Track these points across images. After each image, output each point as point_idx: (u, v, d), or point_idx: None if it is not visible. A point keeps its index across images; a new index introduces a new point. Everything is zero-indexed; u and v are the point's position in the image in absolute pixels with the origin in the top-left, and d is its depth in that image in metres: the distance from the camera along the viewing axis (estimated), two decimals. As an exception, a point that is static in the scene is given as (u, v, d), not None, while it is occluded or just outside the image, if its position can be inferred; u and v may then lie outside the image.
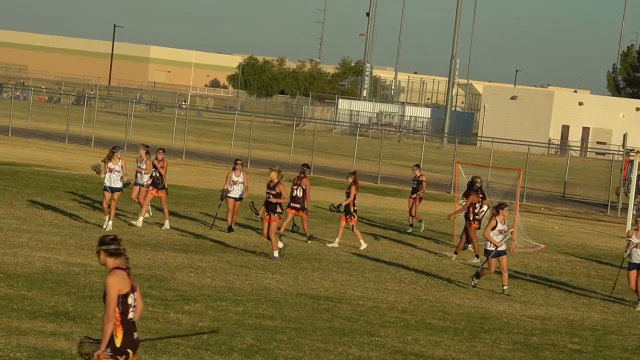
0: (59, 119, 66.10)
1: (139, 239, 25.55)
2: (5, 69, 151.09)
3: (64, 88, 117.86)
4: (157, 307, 17.99)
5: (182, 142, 56.35)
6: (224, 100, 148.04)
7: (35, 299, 17.72)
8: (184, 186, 40.14)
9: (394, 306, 20.52)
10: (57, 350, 14.57)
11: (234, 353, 15.40)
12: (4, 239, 23.57)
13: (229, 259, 24.07)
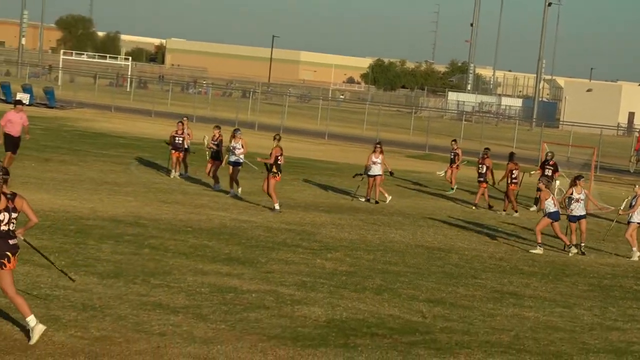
0: (230, 109, 66.77)
1: (292, 202, 25.72)
2: (191, 71, 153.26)
3: (234, 85, 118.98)
4: (306, 255, 18.13)
5: (325, 126, 56.58)
6: (357, 93, 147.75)
7: (214, 248, 17.99)
8: (327, 161, 40.34)
9: (493, 255, 20.36)
10: (231, 287, 14.77)
11: (366, 291, 15.44)
12: (190, 201, 23.99)
13: (362, 217, 24.11)
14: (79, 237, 17.58)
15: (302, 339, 12.18)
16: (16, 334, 11.18)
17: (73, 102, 61.08)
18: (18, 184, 23.64)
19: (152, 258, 16.41)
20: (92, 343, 11.16)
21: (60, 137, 38.36)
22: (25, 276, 14.03)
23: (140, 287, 14.17)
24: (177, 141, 29.01)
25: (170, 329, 12.07)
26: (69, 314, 12.24)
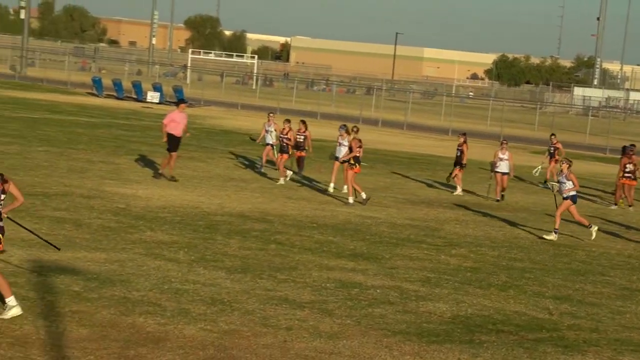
0: (354, 105, 66.95)
1: (416, 198, 25.64)
2: (315, 68, 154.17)
3: (358, 82, 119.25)
4: (430, 251, 18.04)
5: (449, 123, 56.23)
6: (480, 89, 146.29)
7: (339, 243, 18.05)
8: (450, 157, 40.02)
9: (621, 252, 19.90)
10: (355, 282, 14.80)
11: (491, 287, 15.28)
12: (315, 198, 24.12)
13: (487, 213, 23.86)
14: (207, 233, 17.87)
15: (427, 335, 12.12)
16: (148, 327, 11.42)
17: (201, 100, 62.11)
18: (148, 180, 24.18)
19: (278, 253, 16.56)
20: (221, 336, 11.33)
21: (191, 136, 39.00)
22: (157, 270, 14.33)
23: (267, 282, 14.32)
24: (299, 139, 28.75)
25: (297, 323, 12.16)
26: (198, 308, 12.45)
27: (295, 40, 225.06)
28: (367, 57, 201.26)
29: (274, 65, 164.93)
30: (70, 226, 17.13)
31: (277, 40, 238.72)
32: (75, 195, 20.64)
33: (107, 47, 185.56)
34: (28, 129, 34.28)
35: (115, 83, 61.07)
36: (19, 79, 68.88)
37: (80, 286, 12.89)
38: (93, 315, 11.61)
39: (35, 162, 25.27)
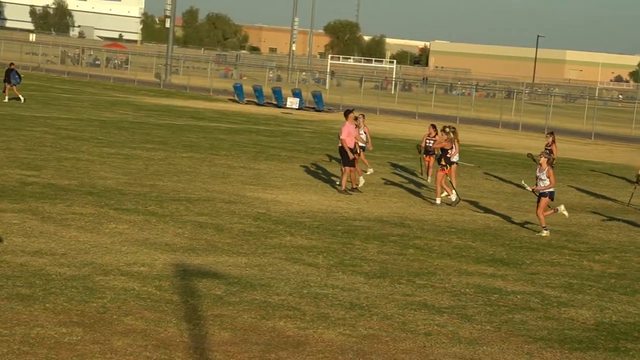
0: (494, 109, 66.24)
1: (556, 203, 25.16)
2: (454, 72, 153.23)
3: (498, 85, 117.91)
4: (573, 257, 17.67)
5: (591, 126, 55.04)
6: (625, 92, 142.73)
7: (478, 248, 17.87)
8: (593, 161, 39.22)
9: None
10: (495, 288, 14.62)
11: (637, 294, 14.85)
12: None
13: (632, 219, 23.23)
14: (345, 237, 17.93)
15: (570, 342, 11.88)
16: (288, 330, 11.52)
17: (340, 105, 62.42)
18: (288, 185, 24.42)
19: (416, 258, 16.50)
20: (360, 341, 11.34)
21: (328, 140, 39.26)
22: (296, 275, 14.45)
23: (406, 287, 14.28)
24: (428, 144, 27.99)
25: (436, 329, 12.09)
26: (337, 312, 12.50)
27: (434, 45, 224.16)
28: (507, 60, 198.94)
29: (413, 70, 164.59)
30: (212, 231, 17.45)
31: (416, 45, 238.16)
32: (217, 200, 21.02)
33: (248, 54, 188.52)
34: (172, 135, 35.11)
35: (256, 89, 61.97)
36: (163, 87, 70.61)
37: (222, 290, 13.11)
38: (234, 319, 11.78)
39: (178, 168, 25.85)
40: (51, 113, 39.42)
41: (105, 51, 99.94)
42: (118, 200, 19.67)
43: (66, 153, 26.59)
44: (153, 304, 12.07)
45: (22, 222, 16.47)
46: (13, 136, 29.49)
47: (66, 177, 22.29)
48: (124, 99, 53.62)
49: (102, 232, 16.33)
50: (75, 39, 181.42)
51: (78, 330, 10.73)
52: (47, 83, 62.22)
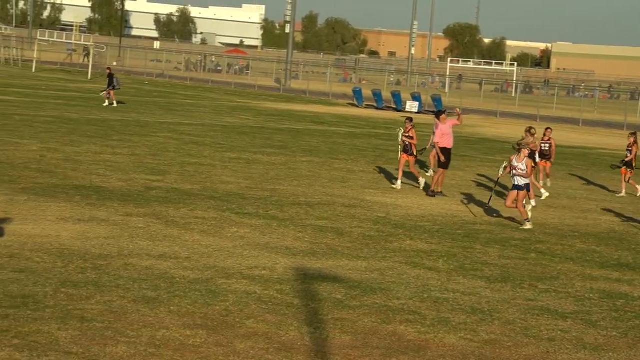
0: (618, 111, 64.83)
1: None
2: (577, 74, 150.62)
3: (622, 87, 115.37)
4: (703, 262, 17.18)
5: None
6: None
7: (602, 253, 17.50)
8: None
9: None
10: (621, 293, 14.30)
11: None
12: (576, 206, 23.52)
13: None
14: (466, 242, 17.79)
15: (699, 351, 11.52)
16: (409, 335, 11.49)
17: (460, 108, 61.99)
18: (408, 189, 24.33)
19: (539, 263, 16.26)
20: (482, 346, 11.23)
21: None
22: (416, 279, 14.40)
23: (528, 291, 14.08)
24: (543, 148, 27.18)
25: (559, 334, 11.88)
26: (458, 317, 12.40)
27: (556, 46, 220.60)
28: (633, 61, 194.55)
29: (534, 72, 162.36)
30: (332, 235, 17.52)
31: (537, 47, 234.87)
32: (337, 204, 21.09)
33: (367, 58, 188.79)
34: (292, 140, 35.40)
35: (375, 93, 62.01)
36: (283, 92, 71.29)
37: (342, 294, 13.14)
38: (355, 323, 11.80)
39: (298, 172, 26.04)
40: (174, 119, 40.21)
41: (227, 57, 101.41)
42: (239, 205, 19.93)
43: (189, 158, 27.07)
44: (274, 308, 12.18)
45: (147, 226, 16.83)
46: (138, 142, 30.18)
47: (189, 181, 22.69)
48: (244, 104, 54.32)
49: (224, 236, 16.57)
50: (197, 46, 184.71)
51: (202, 333, 10.90)
52: (171, 89, 63.48)
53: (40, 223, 16.32)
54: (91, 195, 19.55)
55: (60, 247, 14.59)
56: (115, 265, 13.74)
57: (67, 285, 12.43)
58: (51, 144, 27.46)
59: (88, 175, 22.27)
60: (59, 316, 11.03)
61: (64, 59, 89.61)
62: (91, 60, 72.96)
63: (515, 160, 19.98)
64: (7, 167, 22.29)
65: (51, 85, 56.01)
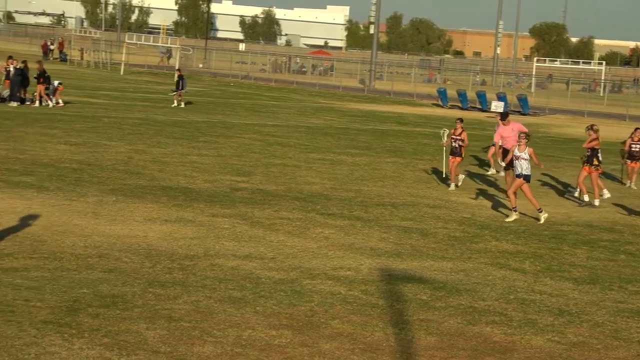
0: None
1: None
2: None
3: None
4: None
5: None
6: None
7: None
8: None
9: None
10: None
11: None
12: (667, 207, 23.09)
13: None
14: (553, 243, 17.57)
15: None
16: (495, 336, 11.39)
17: (545, 108, 61.26)
18: (493, 189, 24.12)
19: (628, 264, 15.98)
20: (569, 348, 11.08)
21: (533, 144, 38.56)
22: (502, 280, 14.28)
23: (617, 293, 13.85)
24: (633, 149, 26.45)
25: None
26: (545, 319, 12.26)
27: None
28: None
29: (623, 71, 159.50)
30: (417, 236, 17.46)
31: (627, 45, 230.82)
32: (422, 205, 21.02)
33: (452, 58, 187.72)
34: (376, 140, 35.36)
35: (460, 93, 61.61)
36: (367, 92, 71.23)
37: (427, 295, 13.09)
38: (440, 324, 11.75)
39: (383, 173, 26.01)
40: (259, 120, 40.48)
41: (311, 58, 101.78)
42: (324, 205, 19.98)
43: (274, 159, 27.23)
44: (359, 308, 12.19)
45: (232, 227, 16.97)
46: (224, 143, 30.45)
47: (274, 182, 22.83)
48: (329, 105, 54.44)
49: (309, 237, 16.63)
50: (282, 47, 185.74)
51: (287, 333, 10.96)
52: (256, 91, 63.94)
53: (128, 224, 16.58)
54: (178, 196, 19.80)
55: (147, 248, 14.81)
56: (201, 266, 13.89)
57: (154, 285, 12.60)
58: (138, 146, 27.88)
59: (175, 176, 22.56)
60: (147, 316, 11.20)
61: (158, 62, 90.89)
62: (177, 63, 73.85)
63: (517, 150, 19.84)
64: (96, 169, 22.70)
65: (139, 87, 56.86)
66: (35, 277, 12.58)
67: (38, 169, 21.94)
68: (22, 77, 38.35)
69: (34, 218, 16.39)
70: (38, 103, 38.45)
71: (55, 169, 22.15)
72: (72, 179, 20.91)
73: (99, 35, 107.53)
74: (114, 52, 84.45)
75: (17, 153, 24.32)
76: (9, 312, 10.89)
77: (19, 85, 38.35)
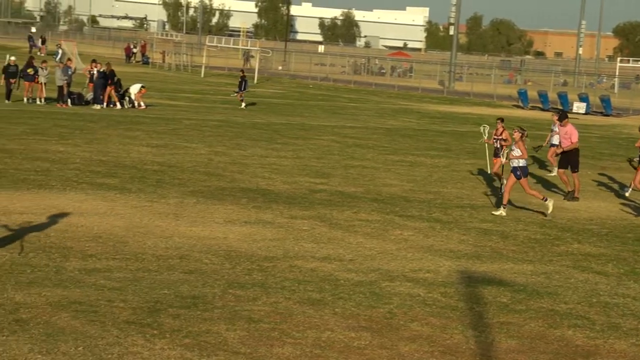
0: None
1: None
2: None
3: None
4: None
5: None
6: None
7: None
8: None
9: None
10: None
11: None
12: None
13: None
14: (637, 245, 17.28)
15: None
16: (577, 340, 11.25)
17: (629, 109, 60.27)
18: (552, 192, 23.81)
19: None
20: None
21: (616, 145, 38.02)
22: (584, 283, 14.08)
23: (703, 298, 13.56)
24: None
25: None
26: (629, 323, 12.06)
27: None
28: None
29: None
30: (496, 238, 17.31)
31: None
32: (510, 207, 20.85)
33: (533, 59, 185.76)
34: (456, 142, 35.16)
35: (541, 94, 60.93)
36: (447, 94, 70.86)
37: (507, 297, 12.97)
38: (521, 327, 11.63)
39: (462, 175, 25.85)
40: (338, 122, 40.54)
41: (390, 60, 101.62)
42: (403, 207, 19.92)
43: (352, 161, 27.24)
44: (438, 311, 12.13)
45: (311, 229, 17.02)
46: (302, 145, 30.56)
47: (352, 184, 22.83)
48: (407, 107, 54.28)
49: (388, 239, 16.60)
50: (361, 49, 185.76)
51: (366, 335, 10.95)
52: (334, 93, 64.03)
53: (208, 225, 16.73)
54: (257, 197, 19.92)
55: (227, 249, 14.93)
56: (280, 267, 13.96)
57: (234, 286, 12.70)
58: (218, 148, 28.13)
59: (254, 178, 22.70)
60: (227, 317, 11.29)
61: (242, 65, 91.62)
62: (257, 65, 74.34)
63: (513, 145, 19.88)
64: (177, 171, 22.96)
65: (218, 90, 57.34)
66: (118, 277, 12.77)
67: (120, 171, 22.27)
68: (105, 80, 38.98)
69: (116, 219, 16.64)
70: (119, 105, 39.03)
71: (137, 171, 22.46)
72: (154, 181, 21.18)
73: (180, 38, 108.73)
74: (194, 55, 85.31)
75: (101, 155, 24.72)
76: (93, 312, 11.07)
77: (102, 88, 39.01)
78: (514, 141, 19.98)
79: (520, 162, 19.69)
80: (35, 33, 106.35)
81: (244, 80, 45.47)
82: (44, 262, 13.29)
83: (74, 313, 10.99)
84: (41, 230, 15.29)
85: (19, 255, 13.54)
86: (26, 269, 12.86)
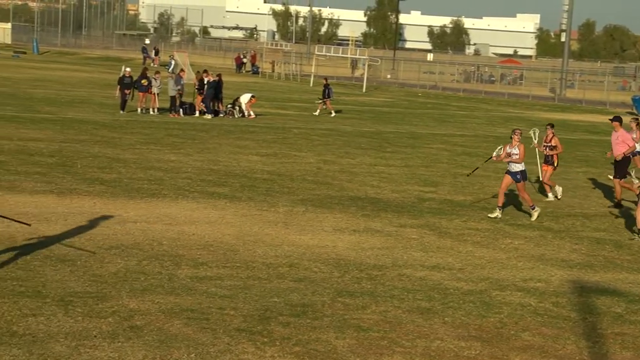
0: None
1: None
2: None
3: None
4: None
5: None
6: None
7: None
8: None
9: None
10: None
11: None
12: None
13: None
14: None
15: None
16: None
17: None
18: None
19: None
20: None
21: None
22: (702, 294, 13.70)
23: None
24: None
25: None
26: None
27: None
28: None
29: None
30: (610, 247, 16.98)
31: None
32: (614, 215, 20.42)
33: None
34: (567, 149, 34.51)
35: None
36: (558, 101, 69.81)
37: (622, 308, 12.70)
38: (637, 338, 11.37)
39: (574, 183, 25.43)
40: (447, 130, 40.30)
41: (500, 67, 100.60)
42: (513, 216, 19.69)
43: (461, 169, 27.02)
44: (550, 320, 11.94)
45: (420, 237, 16.95)
46: (411, 153, 30.47)
47: (461, 192, 22.66)
48: (518, 115, 53.65)
49: (498, 248, 16.42)
50: (470, 57, 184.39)
51: (476, 345, 10.84)
52: (443, 101, 63.69)
53: (317, 233, 16.80)
54: (366, 206, 19.93)
55: (336, 257, 14.96)
56: (389, 276, 13.93)
57: (343, 294, 12.72)
58: (327, 156, 28.24)
59: (363, 186, 22.72)
60: (336, 325, 11.31)
61: (359, 73, 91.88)
62: (366, 73, 74.42)
63: (508, 147, 19.57)
64: (286, 179, 23.12)
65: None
66: (229, 285, 12.91)
67: (231, 180, 22.54)
68: (216, 91, 39.52)
69: (227, 227, 16.84)
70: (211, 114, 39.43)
71: (247, 180, 22.70)
72: (263, 190, 21.37)
73: (289, 47, 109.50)
74: (303, 64, 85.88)
75: (211, 164, 25.06)
76: (204, 320, 11.22)
77: (213, 97, 39.56)
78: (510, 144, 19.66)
79: (517, 166, 19.54)
80: (149, 44, 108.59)
81: (328, 88, 45.49)
82: (157, 270, 13.52)
83: (186, 320, 11.16)
84: (154, 238, 15.57)
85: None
86: (140, 276, 13.10)
